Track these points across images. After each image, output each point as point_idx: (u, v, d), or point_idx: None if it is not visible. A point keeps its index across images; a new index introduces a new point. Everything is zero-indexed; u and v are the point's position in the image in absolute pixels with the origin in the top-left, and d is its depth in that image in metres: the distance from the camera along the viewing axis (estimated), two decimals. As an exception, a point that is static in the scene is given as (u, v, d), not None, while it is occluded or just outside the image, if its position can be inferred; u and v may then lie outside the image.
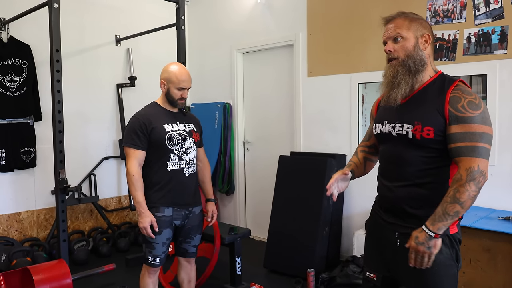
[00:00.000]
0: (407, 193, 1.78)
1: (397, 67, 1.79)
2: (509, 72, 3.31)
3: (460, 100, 1.69)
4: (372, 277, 1.94)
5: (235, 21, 5.20)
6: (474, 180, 1.62)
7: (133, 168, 2.67)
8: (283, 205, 4.23)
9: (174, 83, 2.73)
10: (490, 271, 2.88)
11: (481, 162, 1.64)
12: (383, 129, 1.87)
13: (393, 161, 1.84)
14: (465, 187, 1.62)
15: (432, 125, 1.71)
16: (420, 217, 1.75)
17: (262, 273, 4.10)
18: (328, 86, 4.38)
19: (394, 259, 1.84)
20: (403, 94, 1.79)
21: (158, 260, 2.76)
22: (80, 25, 4.72)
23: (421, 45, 1.79)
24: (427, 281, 1.75)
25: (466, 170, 1.63)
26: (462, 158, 1.66)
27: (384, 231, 1.89)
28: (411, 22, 1.80)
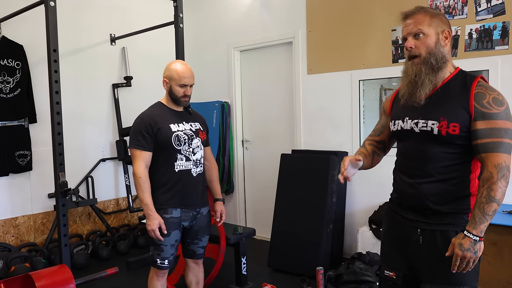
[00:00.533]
0: (430, 189, 1.77)
1: (420, 65, 1.77)
2: (510, 67, 3.33)
3: (485, 96, 1.69)
4: (392, 275, 1.93)
5: (233, 18, 5.16)
6: (504, 176, 1.65)
7: (140, 170, 2.63)
8: (286, 204, 4.21)
9: (176, 80, 2.69)
10: (497, 264, 2.91)
11: (507, 158, 1.66)
12: (404, 126, 1.86)
13: (416, 158, 1.82)
14: (497, 184, 1.64)
15: (458, 122, 1.70)
16: (443, 213, 1.76)
17: (266, 273, 4.08)
18: (329, 83, 4.37)
19: (416, 256, 1.83)
20: (427, 93, 1.77)
21: (166, 263, 2.72)
22: (74, 24, 4.62)
23: (442, 41, 1.77)
24: (451, 276, 1.74)
25: (496, 167, 1.64)
26: (489, 154, 1.66)
27: (404, 228, 1.88)
28: (432, 18, 1.77)
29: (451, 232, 1.75)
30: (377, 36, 3.99)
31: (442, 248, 1.75)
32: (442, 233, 1.77)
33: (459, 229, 1.74)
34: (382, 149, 2.08)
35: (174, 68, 2.72)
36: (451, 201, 1.76)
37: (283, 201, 4.25)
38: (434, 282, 1.78)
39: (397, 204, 1.95)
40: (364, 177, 4.19)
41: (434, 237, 1.78)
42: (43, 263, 4.01)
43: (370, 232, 3.83)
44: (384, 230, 2.05)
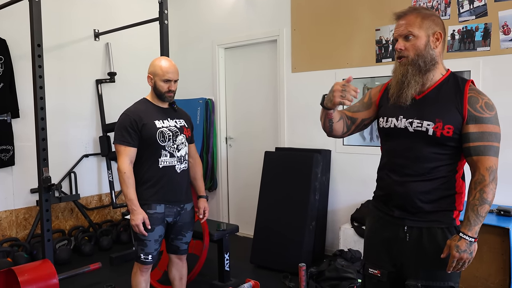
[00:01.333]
0: (419, 187, 1.80)
1: (407, 66, 1.79)
2: (491, 68, 3.40)
3: (479, 101, 1.74)
4: (376, 273, 1.94)
5: (217, 16, 5.16)
6: (495, 178, 1.72)
7: (125, 165, 2.64)
8: (269, 201, 4.24)
9: (160, 75, 2.71)
10: (476, 262, 2.96)
11: (496, 161, 1.73)
12: (398, 124, 1.85)
13: (407, 157, 1.84)
14: (489, 187, 1.71)
15: (452, 124, 1.74)
16: (430, 211, 1.80)
17: (249, 269, 4.11)
18: (313, 81, 4.40)
19: (403, 253, 1.86)
20: (413, 94, 1.80)
21: (150, 258, 2.73)
22: (57, 19, 4.57)
23: (432, 43, 1.77)
24: (436, 272, 1.79)
25: (487, 170, 1.71)
26: (481, 157, 1.72)
27: (390, 226, 1.90)
28: (423, 20, 1.77)
29: (437, 229, 1.79)
30: (361, 35, 4.04)
31: (428, 244, 1.79)
32: (429, 230, 1.80)
33: (445, 226, 1.78)
34: (347, 126, 2.00)
35: (158, 63, 2.74)
36: (438, 200, 1.79)
37: (266, 198, 4.28)
38: (420, 278, 1.80)
39: (382, 202, 1.95)
40: (346, 175, 4.25)
41: (421, 234, 1.81)
42: (25, 258, 3.98)
43: (352, 229, 3.87)
44: (368, 228, 2.06)
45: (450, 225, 1.80)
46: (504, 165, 3.34)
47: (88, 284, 3.77)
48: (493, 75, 3.40)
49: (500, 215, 3.07)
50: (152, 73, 2.75)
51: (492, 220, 2.98)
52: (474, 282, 2.97)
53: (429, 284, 1.79)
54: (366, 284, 2.03)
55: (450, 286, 1.78)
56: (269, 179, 4.33)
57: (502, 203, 3.30)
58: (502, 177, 3.34)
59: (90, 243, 4.54)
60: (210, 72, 5.27)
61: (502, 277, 2.87)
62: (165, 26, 3.99)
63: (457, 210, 1.81)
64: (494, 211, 3.14)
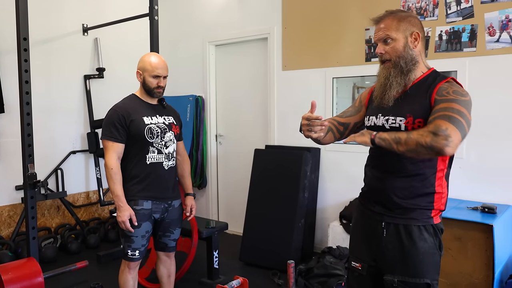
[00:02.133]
0: (397, 183, 1.83)
1: (389, 69, 1.83)
2: (478, 69, 3.44)
3: (446, 89, 1.73)
4: (357, 266, 1.98)
5: (208, 12, 5.15)
6: (436, 135, 1.59)
7: (112, 161, 2.63)
8: (259, 198, 4.25)
9: (149, 71, 2.70)
10: (461, 258, 3.01)
11: (451, 128, 1.59)
12: (377, 122, 1.90)
13: (386, 153, 1.85)
14: (423, 133, 1.62)
15: (422, 117, 1.75)
16: (407, 208, 1.81)
17: (238, 266, 4.11)
18: (303, 80, 4.42)
19: (380, 248, 1.89)
20: (394, 95, 1.83)
21: (137, 254, 2.71)
22: (44, 12, 4.51)
23: (410, 44, 1.80)
24: (412, 268, 1.80)
25: (435, 124, 1.62)
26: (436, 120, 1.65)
27: (370, 221, 1.93)
28: (399, 22, 1.81)
29: (413, 227, 1.80)
30: (351, 35, 4.06)
31: (405, 241, 1.81)
32: (405, 227, 1.82)
33: (421, 224, 1.80)
34: (340, 132, 2.07)
35: (148, 59, 2.73)
36: (415, 197, 1.81)
37: (256, 196, 4.28)
38: (396, 274, 1.83)
39: (365, 197, 2.00)
40: (335, 173, 4.28)
41: (398, 231, 1.83)
42: (9, 257, 3.94)
43: (341, 227, 3.90)
44: (353, 223, 2.11)
45: (427, 223, 1.81)
46: (488, 163, 3.42)
47: (74, 283, 3.73)
48: (479, 76, 3.44)
49: (484, 212, 3.11)
50: (141, 69, 2.74)
51: (476, 217, 3.03)
52: (458, 278, 3.02)
53: (405, 280, 1.81)
54: (349, 277, 2.07)
55: (426, 283, 1.79)
56: (258, 177, 4.33)
57: (486, 201, 3.35)
58: (486, 175, 3.43)
59: (77, 241, 4.50)
60: (200, 69, 5.25)
61: (486, 273, 2.92)
62: (155, 22, 3.97)
63: (435, 209, 1.82)
64: (478, 208, 3.19)
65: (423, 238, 1.80)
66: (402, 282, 1.81)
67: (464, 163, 3.51)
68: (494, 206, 3.13)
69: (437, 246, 1.83)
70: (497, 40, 3.32)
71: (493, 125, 3.39)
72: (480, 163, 3.47)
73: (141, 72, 2.73)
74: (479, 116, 3.42)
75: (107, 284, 3.51)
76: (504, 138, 3.36)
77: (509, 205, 3.32)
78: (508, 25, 3.26)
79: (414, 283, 1.80)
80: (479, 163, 3.47)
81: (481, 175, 3.47)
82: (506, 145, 3.36)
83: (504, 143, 3.36)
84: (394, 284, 1.82)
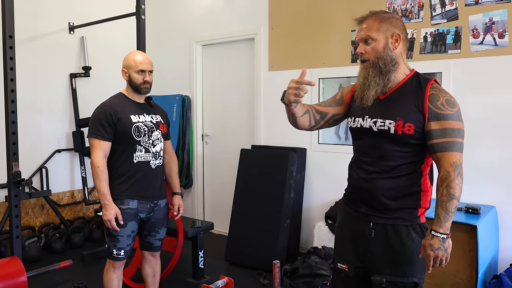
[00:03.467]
0: (384, 184, 1.84)
1: (368, 69, 1.85)
2: (462, 70, 3.49)
3: (439, 98, 1.77)
4: (344, 268, 1.98)
5: (195, 12, 5.14)
6: (460, 173, 1.75)
7: (98, 159, 2.61)
8: (244, 198, 4.25)
9: (133, 67, 2.71)
10: (445, 259, 3.04)
11: (460, 156, 1.76)
12: (364, 124, 1.91)
13: (373, 155, 1.88)
14: (455, 182, 1.74)
15: (413, 122, 1.77)
16: (395, 208, 1.83)
17: (223, 266, 4.10)
18: (289, 80, 4.40)
19: (368, 249, 1.89)
20: (373, 95, 1.84)
21: (122, 253, 2.70)
22: (31, 10, 4.48)
23: (391, 45, 1.81)
24: (400, 268, 1.82)
25: (452, 165, 1.74)
26: (444, 153, 1.75)
27: (357, 222, 1.93)
28: (381, 23, 1.82)
29: (401, 227, 1.82)
30: (337, 36, 4.09)
31: (393, 241, 1.83)
32: (393, 227, 1.83)
33: (409, 223, 1.81)
34: (316, 120, 2.04)
35: (131, 56, 2.74)
36: (403, 197, 1.83)
37: (242, 196, 4.29)
38: (384, 274, 1.84)
39: (351, 198, 2.00)
40: (321, 173, 4.30)
41: (386, 231, 1.84)
42: (-8, 256, 3.89)
43: (326, 227, 3.92)
44: (338, 224, 2.10)
45: (414, 222, 1.83)
46: (472, 164, 3.46)
47: (58, 282, 3.70)
48: (463, 77, 3.49)
49: (468, 213, 3.15)
50: (126, 67, 2.74)
51: (460, 217, 3.06)
52: (442, 278, 3.05)
53: (393, 280, 1.82)
54: (335, 279, 2.07)
55: (414, 282, 1.81)
56: (244, 177, 4.33)
57: (470, 201, 3.39)
58: (470, 176, 3.45)
59: (61, 240, 4.46)
60: (187, 68, 5.24)
61: (469, 273, 2.95)
62: (142, 21, 3.95)
63: (422, 207, 1.84)
64: (462, 209, 3.22)
65: (411, 238, 1.81)
66: (391, 282, 1.82)
67: (448, 164, 3.54)
68: (478, 207, 3.17)
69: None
70: (481, 42, 3.37)
71: (477, 126, 3.43)
72: (465, 164, 3.43)
73: (126, 70, 2.74)
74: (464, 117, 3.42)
75: (91, 284, 3.48)
76: (488, 139, 3.41)
77: (493, 206, 3.37)
78: (492, 28, 3.31)
79: (402, 282, 1.81)
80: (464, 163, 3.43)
81: (465, 176, 3.44)
82: (490, 146, 3.41)
83: (488, 144, 3.41)
84: (383, 285, 1.83)
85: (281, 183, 4.05)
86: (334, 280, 2.08)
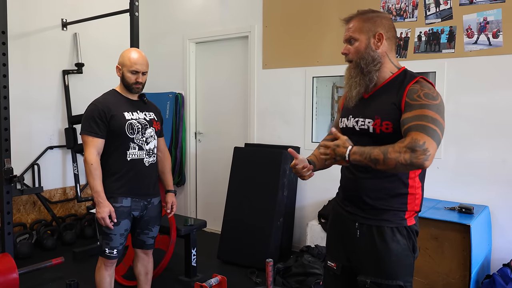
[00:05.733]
0: (369, 185, 1.82)
1: (351, 69, 1.85)
2: (456, 70, 3.50)
3: (417, 91, 1.71)
4: (333, 266, 1.98)
5: (188, 10, 5.12)
6: (413, 152, 1.56)
7: (92, 156, 2.59)
8: (237, 197, 4.24)
9: (127, 66, 2.67)
10: (438, 258, 3.05)
11: (429, 141, 1.57)
12: (348, 124, 1.91)
13: None
14: (400, 150, 1.58)
15: (390, 119, 1.73)
16: (380, 209, 1.80)
17: (216, 264, 4.10)
18: (283, 78, 4.43)
19: (353, 248, 1.89)
20: (354, 96, 1.84)
21: (115, 252, 2.68)
22: (23, 6, 4.44)
23: (373, 45, 1.80)
24: (384, 270, 1.79)
25: (412, 138, 1.59)
26: (412, 132, 1.61)
27: (345, 221, 1.93)
28: (364, 23, 1.82)
29: (386, 228, 1.79)
30: (331, 34, 4.08)
31: (377, 242, 1.80)
32: (378, 229, 1.81)
33: (394, 225, 1.79)
34: None
35: (127, 54, 2.70)
36: (388, 198, 1.80)
37: (235, 194, 4.28)
38: (369, 275, 1.82)
39: (340, 197, 2.01)
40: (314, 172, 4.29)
41: (371, 232, 1.82)
42: (-17, 253, 3.85)
43: (319, 226, 3.92)
44: (329, 223, 2.10)
45: (400, 225, 1.79)
46: (465, 164, 3.47)
47: (49, 279, 3.68)
48: (457, 77, 3.49)
49: (461, 213, 3.16)
50: (120, 64, 2.71)
51: (453, 217, 3.07)
52: (435, 277, 3.06)
53: (378, 282, 1.80)
54: (325, 276, 2.08)
55: (399, 285, 1.78)
56: (238, 175, 4.33)
57: (463, 201, 3.41)
58: (463, 176, 3.49)
59: (53, 237, 4.43)
60: (180, 66, 5.22)
61: (462, 273, 2.96)
62: (135, 18, 3.93)
63: (409, 210, 1.81)
64: (455, 209, 3.23)
65: (396, 240, 1.78)
66: (375, 284, 1.80)
67: (441, 163, 3.56)
68: (471, 207, 3.18)
69: (411, 248, 1.82)
70: (475, 42, 3.38)
71: (471, 126, 3.45)
72: (458, 164, 3.52)
73: (120, 67, 2.71)
74: (457, 116, 3.48)
75: (83, 281, 3.46)
76: (482, 139, 3.42)
77: (486, 205, 3.38)
78: (486, 27, 3.32)
79: (387, 284, 1.79)
80: (457, 163, 3.52)
81: (459, 175, 3.52)
82: (483, 146, 3.42)
83: (481, 144, 3.43)
84: (367, 285, 1.81)
85: (274, 181, 4.05)
86: (325, 278, 2.08)
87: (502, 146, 3.35)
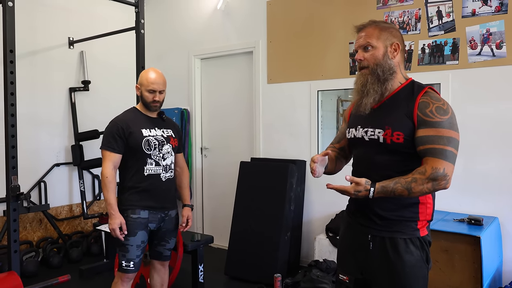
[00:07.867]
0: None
1: (367, 76, 1.85)
2: (460, 81, 3.50)
3: (429, 106, 1.74)
4: (345, 279, 1.96)
5: (194, 27, 5.17)
6: (435, 181, 1.68)
7: (108, 170, 2.69)
8: (244, 211, 4.22)
9: (145, 85, 2.80)
10: (448, 271, 3.00)
11: (447, 166, 1.69)
12: (356, 134, 1.92)
13: (366, 165, 1.88)
14: (423, 183, 1.68)
15: (402, 130, 1.75)
16: (392, 220, 1.80)
17: (223, 280, 4.06)
18: (288, 93, 4.44)
19: (366, 261, 1.88)
20: (371, 102, 1.84)
21: (132, 265, 2.70)
22: (31, 25, 4.50)
23: (390, 53, 1.83)
24: (399, 282, 1.78)
25: (432, 168, 1.68)
26: (430, 158, 1.70)
27: (357, 233, 1.92)
28: (381, 31, 1.84)
29: (399, 240, 1.79)
30: (335, 48, 4.11)
31: (391, 254, 1.79)
32: (391, 240, 1.80)
33: (408, 237, 1.78)
34: (343, 156, 2.13)
35: (145, 74, 2.85)
36: (399, 208, 1.80)
37: (241, 209, 4.26)
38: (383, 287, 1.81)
39: (351, 209, 2.00)
40: (321, 185, 4.26)
41: (384, 244, 1.82)
42: (-10, 271, 3.84)
43: (327, 240, 3.89)
44: (340, 235, 2.10)
45: (413, 235, 1.79)
46: (473, 175, 3.45)
47: (56, 297, 3.66)
48: (462, 88, 3.50)
49: (471, 224, 3.13)
50: (139, 83, 2.85)
51: (463, 229, 3.04)
52: (446, 290, 3.02)
53: None
54: None
55: None
56: (244, 190, 4.32)
57: (472, 213, 3.38)
58: (472, 187, 3.46)
59: (59, 255, 4.42)
60: (186, 82, 5.26)
61: (474, 285, 2.92)
62: (141, 36, 3.99)
63: (421, 220, 1.80)
64: (465, 220, 3.20)
65: (410, 251, 1.77)
66: None
67: (448, 175, 3.53)
68: (481, 218, 3.15)
69: (424, 259, 1.81)
70: (478, 53, 3.39)
71: (478, 136, 3.43)
72: (466, 175, 3.49)
73: (139, 86, 2.84)
74: (464, 128, 3.44)
75: (90, 299, 3.44)
76: (489, 149, 3.41)
77: (496, 217, 3.35)
78: (489, 39, 3.33)
79: None
80: (465, 174, 3.50)
81: (467, 187, 3.50)
82: (491, 157, 3.40)
83: (489, 155, 3.41)
84: None
85: (281, 195, 4.03)
86: None
87: (510, 156, 3.34)
